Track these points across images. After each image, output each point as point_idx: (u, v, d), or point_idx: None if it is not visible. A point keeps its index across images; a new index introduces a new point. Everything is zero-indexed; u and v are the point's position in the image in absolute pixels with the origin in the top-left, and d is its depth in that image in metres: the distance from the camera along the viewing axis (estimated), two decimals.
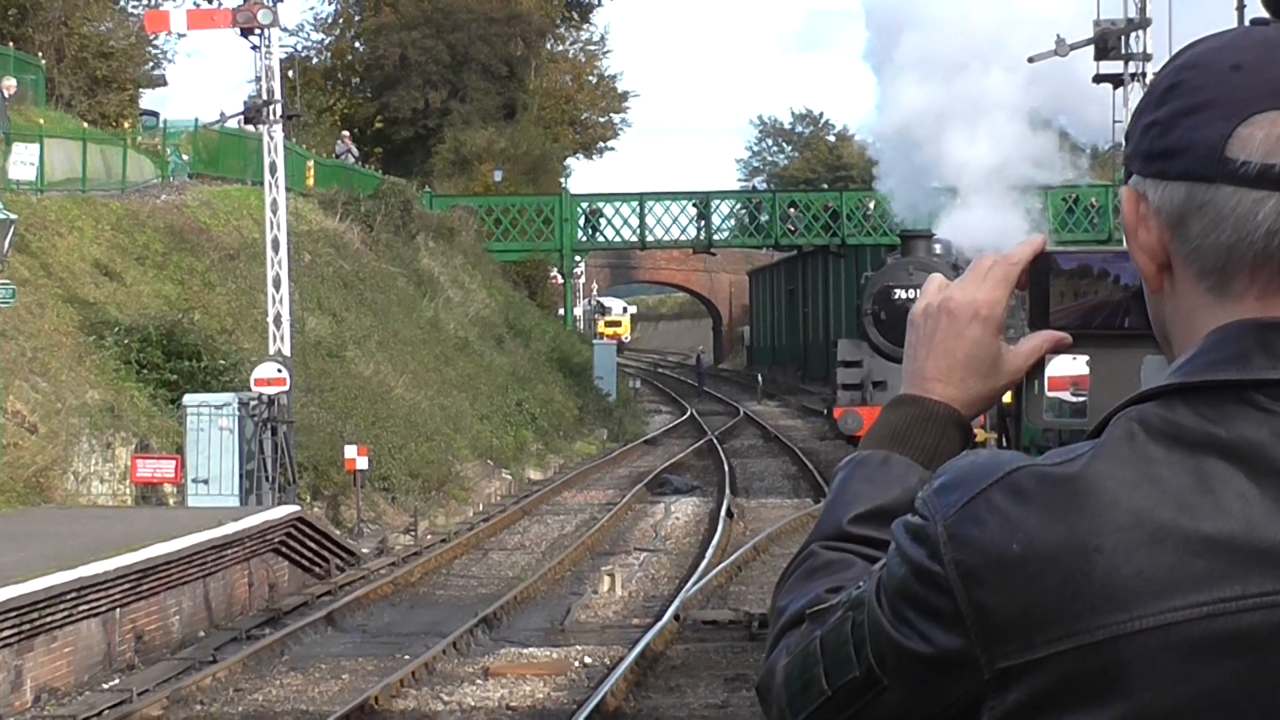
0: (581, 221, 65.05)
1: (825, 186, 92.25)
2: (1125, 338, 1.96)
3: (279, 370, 27.71)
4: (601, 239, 66.74)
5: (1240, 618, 1.62)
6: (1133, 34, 35.26)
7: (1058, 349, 1.97)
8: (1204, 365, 1.70)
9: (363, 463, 29.08)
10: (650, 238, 65.54)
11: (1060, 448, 1.71)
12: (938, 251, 32.34)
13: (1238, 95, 1.70)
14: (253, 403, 27.32)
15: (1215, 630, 1.62)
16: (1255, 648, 1.62)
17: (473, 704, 17.92)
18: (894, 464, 1.94)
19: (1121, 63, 34.72)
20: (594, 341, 66.98)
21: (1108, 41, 35.20)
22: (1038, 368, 1.97)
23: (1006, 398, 2.05)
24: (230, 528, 22.41)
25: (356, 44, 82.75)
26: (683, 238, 65.89)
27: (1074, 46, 35.71)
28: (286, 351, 28.73)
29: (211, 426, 26.85)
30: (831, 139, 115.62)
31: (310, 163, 50.96)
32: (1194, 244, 1.73)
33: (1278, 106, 1.68)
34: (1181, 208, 1.73)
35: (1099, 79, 35.27)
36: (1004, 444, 22.28)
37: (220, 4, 30.49)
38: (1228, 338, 1.71)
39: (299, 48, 79.04)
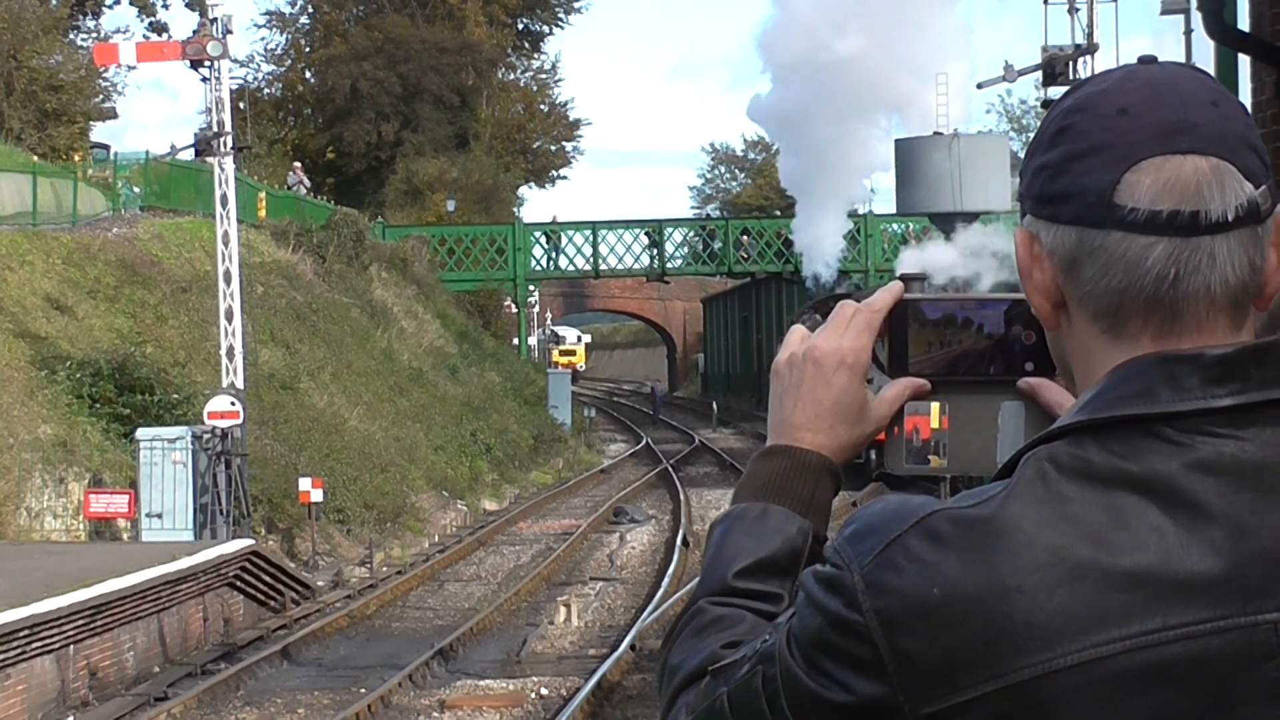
0: (537, 252, 65.12)
1: (778, 213, 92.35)
2: (982, 384, 1.99)
3: (232, 403, 27.62)
4: (555, 268, 66.77)
5: (1162, 650, 1.64)
6: (1080, 59, 35.54)
7: (917, 395, 1.99)
8: (1110, 401, 1.72)
9: (317, 495, 28.99)
10: (604, 266, 65.63)
11: (971, 489, 1.72)
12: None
13: (1124, 140, 1.72)
14: (206, 436, 27.23)
15: (1139, 664, 1.64)
16: (1179, 679, 1.64)
17: None
18: (772, 515, 1.95)
19: (1069, 88, 35.04)
20: (548, 370, 66.93)
21: (1055, 67, 35.47)
22: (898, 414, 1.99)
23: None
24: (184, 562, 22.31)
25: (307, 75, 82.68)
26: (636, 266, 66.01)
27: (1022, 72, 36.00)
28: (240, 384, 28.64)
29: (165, 460, 26.74)
30: None
31: (262, 194, 50.83)
32: (1087, 288, 1.75)
33: (1163, 151, 1.71)
34: (1073, 252, 1.75)
35: (1047, 105, 35.57)
36: None
37: (170, 36, 30.49)
38: (1132, 373, 1.72)
39: (249, 79, 79.01)
